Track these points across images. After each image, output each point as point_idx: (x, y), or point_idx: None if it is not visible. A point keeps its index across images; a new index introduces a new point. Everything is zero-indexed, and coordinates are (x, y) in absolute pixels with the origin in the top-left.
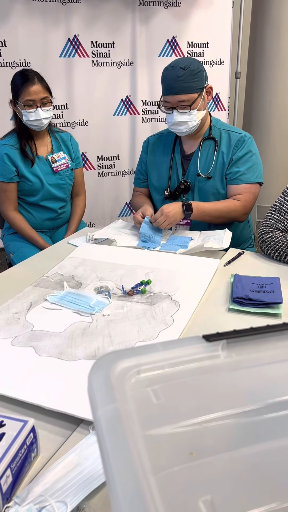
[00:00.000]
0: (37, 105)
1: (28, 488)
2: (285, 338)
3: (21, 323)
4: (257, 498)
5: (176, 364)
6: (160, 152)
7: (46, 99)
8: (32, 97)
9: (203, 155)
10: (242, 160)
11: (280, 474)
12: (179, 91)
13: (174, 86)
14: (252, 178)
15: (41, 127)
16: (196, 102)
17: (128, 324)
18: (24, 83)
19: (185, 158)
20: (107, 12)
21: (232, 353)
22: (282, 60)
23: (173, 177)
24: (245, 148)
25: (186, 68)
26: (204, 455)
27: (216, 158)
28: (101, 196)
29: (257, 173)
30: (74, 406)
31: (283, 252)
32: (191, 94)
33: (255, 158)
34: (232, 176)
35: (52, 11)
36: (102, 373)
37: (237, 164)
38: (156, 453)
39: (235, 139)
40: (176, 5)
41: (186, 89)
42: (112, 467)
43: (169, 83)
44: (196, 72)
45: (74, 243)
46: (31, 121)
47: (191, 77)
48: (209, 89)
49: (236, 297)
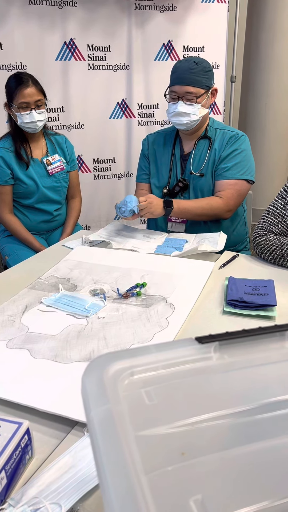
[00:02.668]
0: (31, 107)
1: (23, 490)
2: (277, 340)
3: (16, 325)
4: (248, 497)
5: (169, 366)
6: (160, 150)
7: (41, 102)
8: (26, 100)
9: (197, 154)
10: (230, 156)
11: (271, 474)
12: (189, 82)
13: (185, 76)
14: (237, 174)
15: (35, 130)
16: (202, 97)
17: (123, 327)
18: (18, 86)
19: (183, 158)
20: (103, 16)
21: (225, 355)
22: (277, 64)
23: (172, 175)
24: (235, 145)
25: (198, 64)
26: (195, 455)
27: (209, 156)
28: (97, 198)
29: (244, 169)
30: (69, 408)
31: (277, 255)
32: (199, 88)
33: (245, 155)
34: (219, 172)
35: (48, 15)
36: (95, 374)
37: (225, 160)
38: (148, 454)
39: (228, 136)
40: (172, 9)
41: (195, 82)
42: (104, 468)
43: (180, 74)
44: (207, 70)
45: (69, 246)
46: (25, 124)
47: (202, 73)
48: (214, 91)
49: (230, 299)
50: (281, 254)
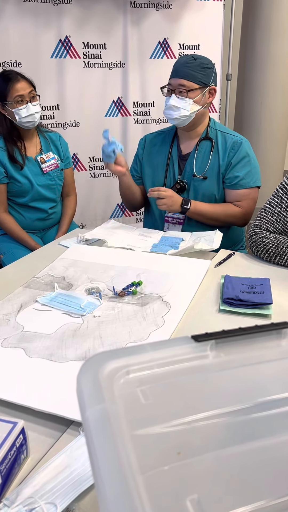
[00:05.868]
0: (26, 100)
1: (18, 490)
2: (273, 338)
3: (11, 324)
4: (245, 496)
5: (165, 365)
6: (157, 151)
7: (33, 93)
8: (20, 93)
9: (199, 156)
10: (240, 165)
11: (267, 473)
12: (183, 75)
13: (180, 70)
14: (251, 182)
15: (34, 123)
16: (195, 93)
17: (119, 325)
18: (9, 82)
19: (181, 158)
20: (99, 14)
21: (221, 353)
22: (273, 62)
23: (169, 176)
24: (243, 152)
25: (196, 59)
26: (192, 455)
27: (212, 159)
28: (93, 197)
29: (255, 177)
30: (64, 408)
31: (273, 253)
32: (192, 82)
33: (253, 162)
34: (231, 181)
35: (43, 12)
36: (90, 373)
37: (236, 168)
38: (144, 453)
39: (230, 141)
40: (167, 7)
41: (189, 76)
42: (100, 467)
43: (177, 67)
44: (205, 66)
45: (65, 244)
46: (24, 118)
47: (198, 68)
48: (212, 90)
49: (226, 298)
50: (276, 252)
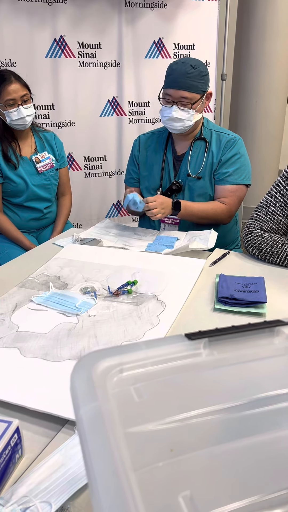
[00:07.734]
0: (18, 103)
1: (12, 489)
2: (266, 336)
3: (6, 324)
4: (237, 492)
5: (158, 363)
6: (152, 151)
7: (26, 96)
8: (12, 96)
9: (194, 156)
10: (230, 161)
11: (260, 469)
12: (185, 87)
13: (181, 81)
14: (238, 179)
15: (25, 125)
16: (197, 103)
17: (114, 325)
18: (2, 84)
19: (176, 159)
20: (93, 13)
21: (214, 351)
22: (268, 62)
23: (165, 177)
24: (234, 149)
25: (195, 68)
26: (185, 452)
27: (206, 159)
28: (88, 196)
29: (244, 174)
30: (59, 407)
31: (267, 252)
32: (194, 94)
33: (244, 160)
34: (220, 176)
35: (38, 11)
36: (84, 372)
37: (226, 165)
38: (137, 451)
39: (224, 140)
40: (162, 6)
41: (191, 87)
42: (93, 465)
43: (177, 77)
44: (203, 74)
45: (60, 244)
46: (15, 121)
47: (199, 77)
48: (209, 94)
49: (221, 297)
50: (271, 252)
